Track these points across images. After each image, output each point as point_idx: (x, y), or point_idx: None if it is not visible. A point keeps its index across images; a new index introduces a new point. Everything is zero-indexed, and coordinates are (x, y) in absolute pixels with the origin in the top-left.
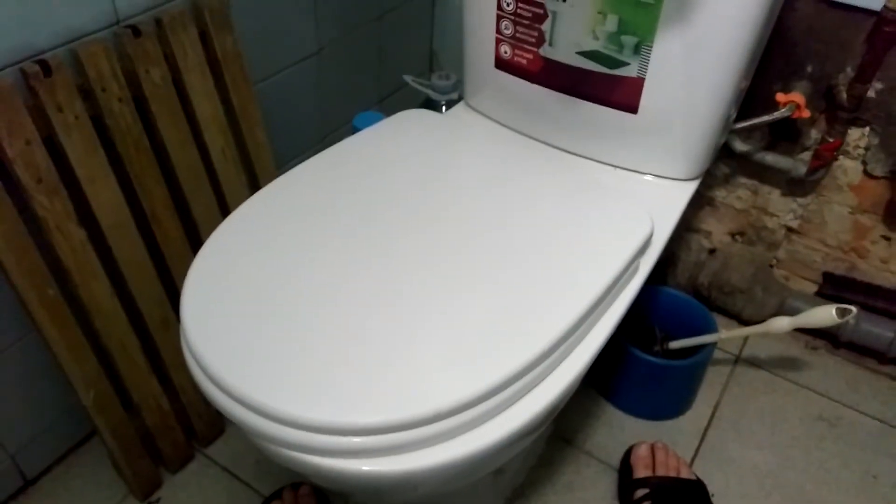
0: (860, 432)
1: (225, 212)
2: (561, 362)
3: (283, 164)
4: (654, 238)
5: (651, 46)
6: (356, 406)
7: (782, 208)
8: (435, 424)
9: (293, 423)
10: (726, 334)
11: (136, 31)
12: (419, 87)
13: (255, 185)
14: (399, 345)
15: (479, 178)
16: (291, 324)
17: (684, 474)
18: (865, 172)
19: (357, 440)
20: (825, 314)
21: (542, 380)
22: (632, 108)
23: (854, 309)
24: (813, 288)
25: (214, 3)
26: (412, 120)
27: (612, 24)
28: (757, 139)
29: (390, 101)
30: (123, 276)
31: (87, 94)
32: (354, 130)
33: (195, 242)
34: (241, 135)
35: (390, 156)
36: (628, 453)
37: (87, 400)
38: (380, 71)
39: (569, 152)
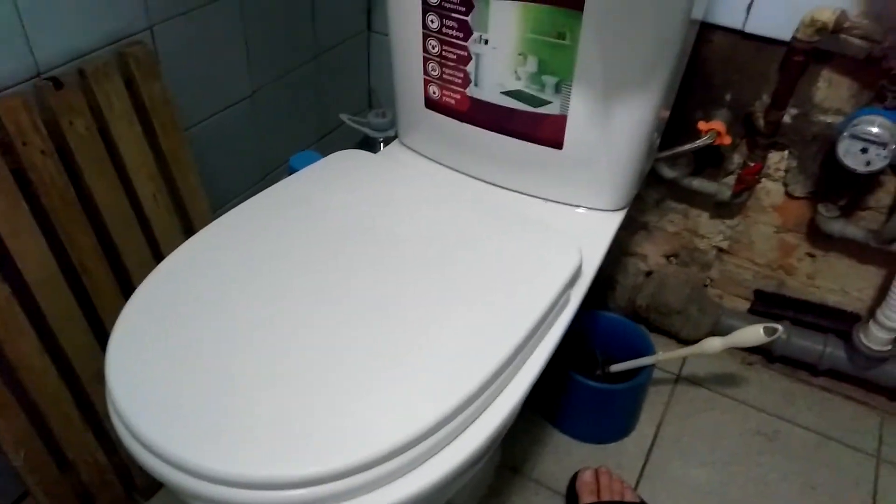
0: (797, 445)
1: (159, 259)
2: (496, 397)
3: (222, 205)
4: (583, 268)
5: (570, 85)
6: (287, 459)
7: (712, 230)
8: (372, 470)
9: (221, 480)
10: (663, 356)
11: (57, 83)
12: (356, 126)
13: (189, 230)
14: (329, 393)
15: (412, 216)
16: (219, 377)
17: (628, 498)
18: (787, 193)
19: (290, 493)
20: (754, 333)
21: (478, 416)
22: (557, 144)
23: (780, 327)
24: (746, 305)
25: (140, 51)
26: (345, 161)
27: (532, 64)
28: (684, 165)
29: (330, 139)
30: (53, 331)
31: (7, 147)
32: (291, 171)
33: (128, 292)
34: (172, 180)
35: (323, 198)
36: (574, 480)
37: (18, 460)
38: (318, 110)
39: (501, 187)
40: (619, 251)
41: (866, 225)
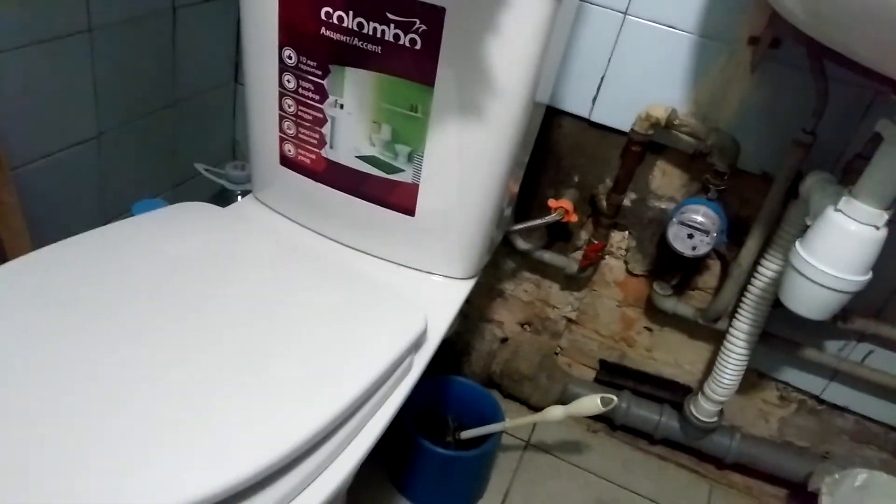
0: None
1: None
2: (330, 462)
3: None
4: (429, 334)
5: (422, 155)
6: None
7: (562, 301)
8: None
9: None
10: (510, 423)
11: None
12: (211, 177)
13: None
14: (136, 450)
15: (255, 272)
16: (13, 434)
17: None
18: (628, 271)
19: None
20: (592, 403)
21: (310, 482)
22: (409, 211)
23: (615, 398)
24: (591, 374)
25: None
26: (188, 211)
27: (386, 133)
28: (537, 238)
29: (184, 188)
30: None
31: None
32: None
33: None
34: None
35: (156, 246)
36: None
37: None
38: (173, 158)
39: (353, 249)
40: (476, 317)
41: (695, 304)
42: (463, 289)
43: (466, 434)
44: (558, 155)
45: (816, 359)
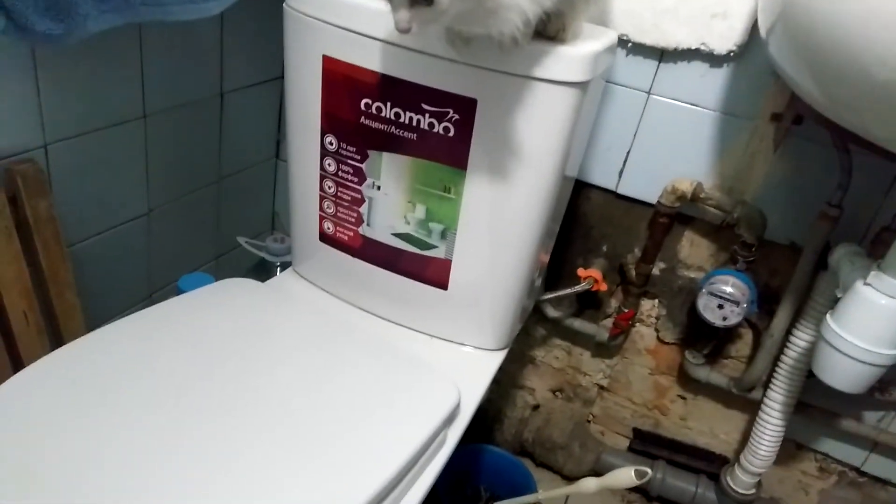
0: None
1: None
2: None
3: (101, 324)
4: (462, 406)
5: (455, 233)
6: None
7: (593, 368)
8: None
9: None
10: (542, 495)
11: None
12: (252, 250)
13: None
14: None
15: (294, 347)
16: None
17: None
18: (659, 339)
19: None
20: (626, 476)
21: None
22: (442, 285)
23: (649, 471)
24: (625, 442)
25: (29, 169)
26: (232, 288)
27: (420, 212)
28: (566, 306)
29: (226, 259)
30: None
31: None
32: (179, 292)
33: None
34: (48, 297)
35: (201, 323)
36: None
37: None
38: (216, 231)
39: (389, 321)
40: (508, 384)
41: (728, 373)
42: (495, 360)
43: None
44: (587, 225)
45: (855, 430)
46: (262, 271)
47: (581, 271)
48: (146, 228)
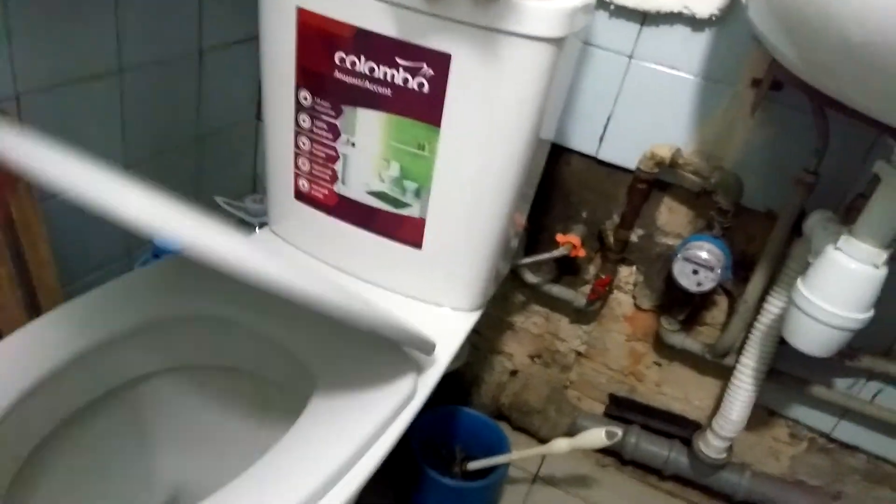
0: None
1: None
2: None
3: (79, 278)
4: (436, 363)
5: (429, 191)
6: None
7: (571, 334)
8: None
9: None
10: (516, 455)
11: None
12: (230, 210)
13: (34, 303)
14: None
15: None
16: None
17: None
18: (636, 305)
19: None
20: (596, 437)
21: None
22: (416, 244)
23: (619, 431)
24: (601, 408)
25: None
26: None
27: (395, 169)
28: (546, 272)
29: None
30: None
31: None
32: (154, 248)
33: None
34: (20, 251)
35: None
36: None
37: None
38: (195, 191)
39: (366, 281)
40: (486, 349)
41: (703, 339)
42: (469, 320)
43: (474, 465)
44: (567, 191)
45: (825, 396)
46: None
47: (560, 237)
48: None
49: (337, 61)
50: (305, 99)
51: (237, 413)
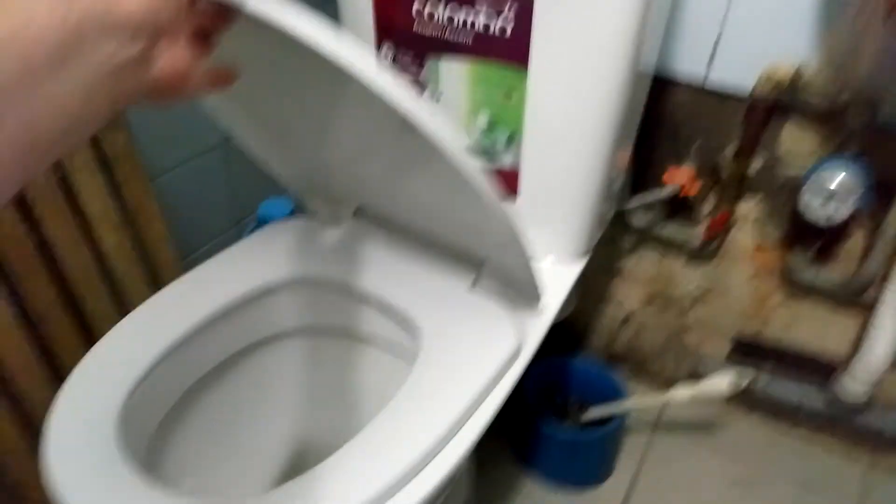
0: (776, 496)
1: (123, 307)
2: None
3: (192, 253)
4: (543, 313)
5: (521, 139)
6: None
7: (686, 277)
8: None
9: None
10: (632, 403)
11: None
12: None
13: (155, 279)
14: None
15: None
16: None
17: None
18: (758, 242)
19: None
20: (719, 384)
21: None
22: (511, 195)
23: (745, 379)
24: (723, 353)
25: None
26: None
27: (483, 120)
28: (656, 213)
29: None
30: (9, 382)
31: None
32: (259, 217)
33: (92, 343)
34: (138, 230)
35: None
36: None
37: None
38: None
39: None
40: (596, 297)
41: (838, 274)
42: (573, 269)
43: (590, 414)
44: (674, 125)
45: None
46: None
47: (667, 175)
48: (224, 157)
49: (414, 14)
50: (386, 56)
51: (350, 372)
